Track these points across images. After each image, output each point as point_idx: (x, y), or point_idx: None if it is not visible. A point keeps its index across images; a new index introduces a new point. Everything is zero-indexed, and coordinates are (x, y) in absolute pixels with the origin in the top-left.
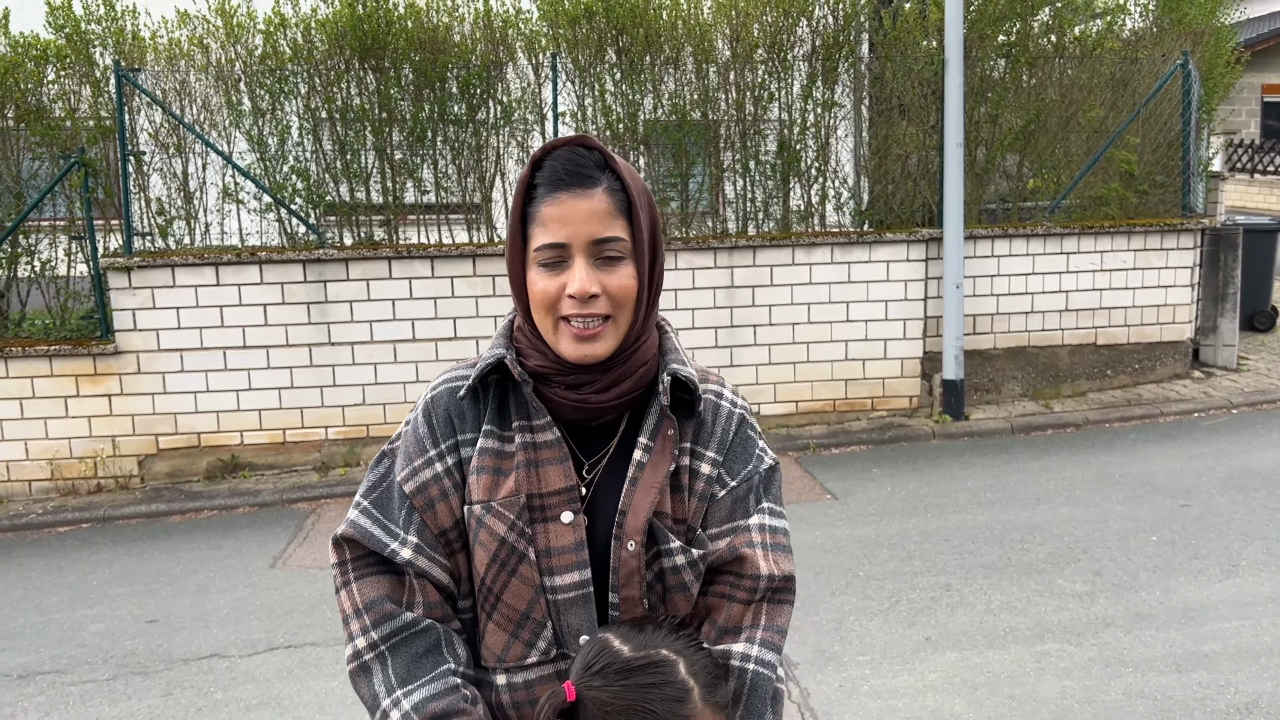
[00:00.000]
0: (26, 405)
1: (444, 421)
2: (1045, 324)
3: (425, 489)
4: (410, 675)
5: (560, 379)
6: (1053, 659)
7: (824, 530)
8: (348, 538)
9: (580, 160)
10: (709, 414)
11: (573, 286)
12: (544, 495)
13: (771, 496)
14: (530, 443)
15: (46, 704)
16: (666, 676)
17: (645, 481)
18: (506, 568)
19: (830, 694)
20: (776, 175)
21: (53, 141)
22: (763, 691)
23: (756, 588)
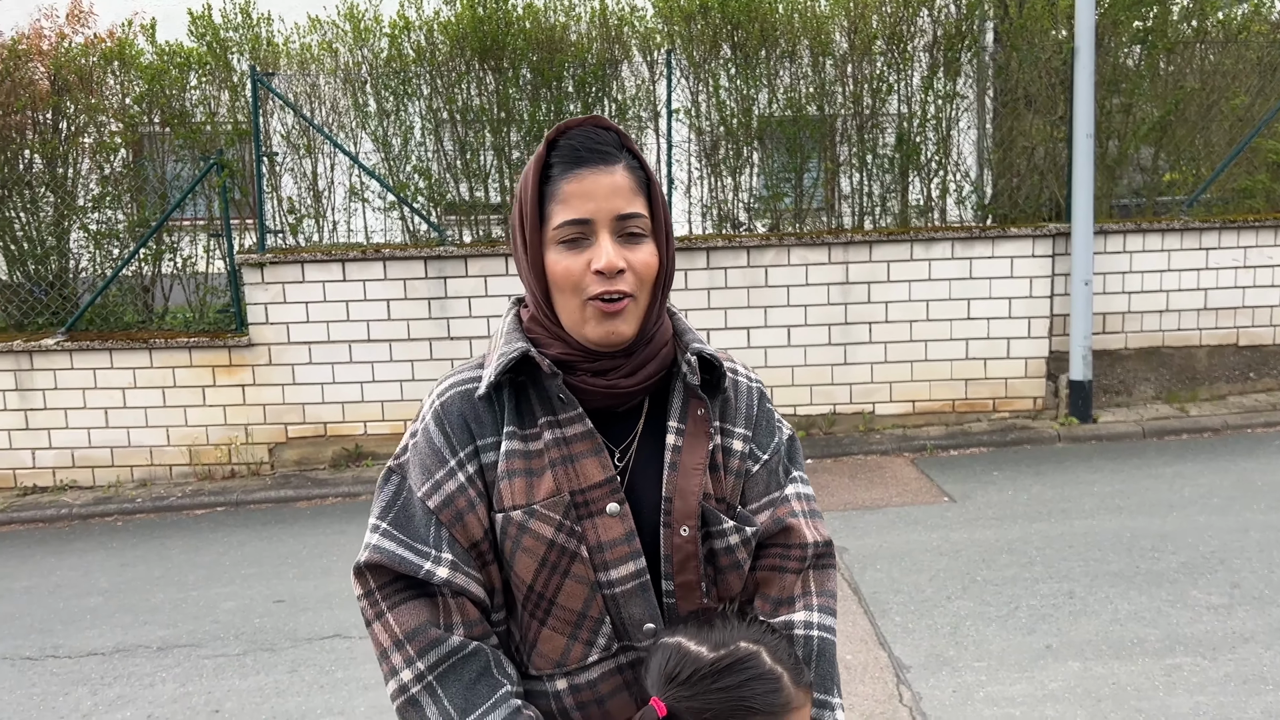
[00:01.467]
0: (168, 394)
1: (459, 428)
2: (1181, 323)
3: (451, 502)
4: (469, 705)
5: (586, 366)
6: (1185, 673)
7: (940, 533)
8: (373, 564)
9: (599, 138)
10: (732, 391)
11: (599, 261)
12: (585, 490)
13: (797, 465)
14: (560, 438)
15: (183, 675)
16: (755, 670)
17: (685, 465)
18: (558, 570)
19: (944, 699)
20: (895, 169)
21: (194, 144)
22: (830, 655)
23: (805, 556)
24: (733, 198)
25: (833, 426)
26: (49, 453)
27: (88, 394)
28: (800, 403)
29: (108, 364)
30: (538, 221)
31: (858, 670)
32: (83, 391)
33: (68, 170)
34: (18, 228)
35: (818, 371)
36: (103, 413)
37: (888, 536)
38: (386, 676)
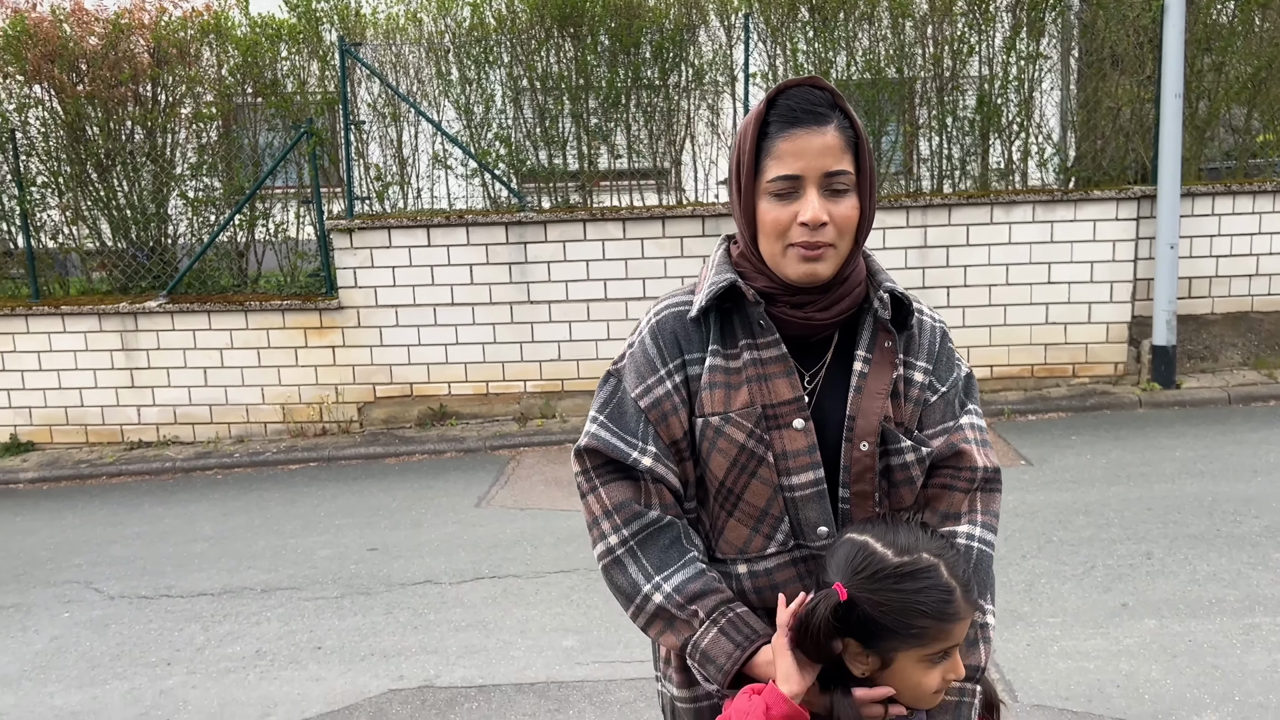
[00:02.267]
0: (263, 354)
1: (670, 343)
2: (1272, 287)
3: (659, 404)
4: (664, 564)
5: (785, 299)
6: (1263, 632)
7: (1017, 495)
8: (590, 449)
9: (814, 99)
10: (917, 329)
11: (805, 214)
12: (775, 405)
13: (974, 399)
14: (757, 359)
15: (285, 615)
16: (933, 580)
17: (870, 389)
18: (746, 470)
19: (1018, 652)
20: (975, 131)
21: (284, 114)
22: (987, 565)
23: (975, 478)
24: None
25: None
26: (153, 410)
27: (188, 354)
28: None
29: (206, 325)
30: (753, 172)
31: None
32: (183, 352)
33: (167, 140)
34: (120, 196)
35: None
36: (202, 372)
37: None
38: (595, 540)
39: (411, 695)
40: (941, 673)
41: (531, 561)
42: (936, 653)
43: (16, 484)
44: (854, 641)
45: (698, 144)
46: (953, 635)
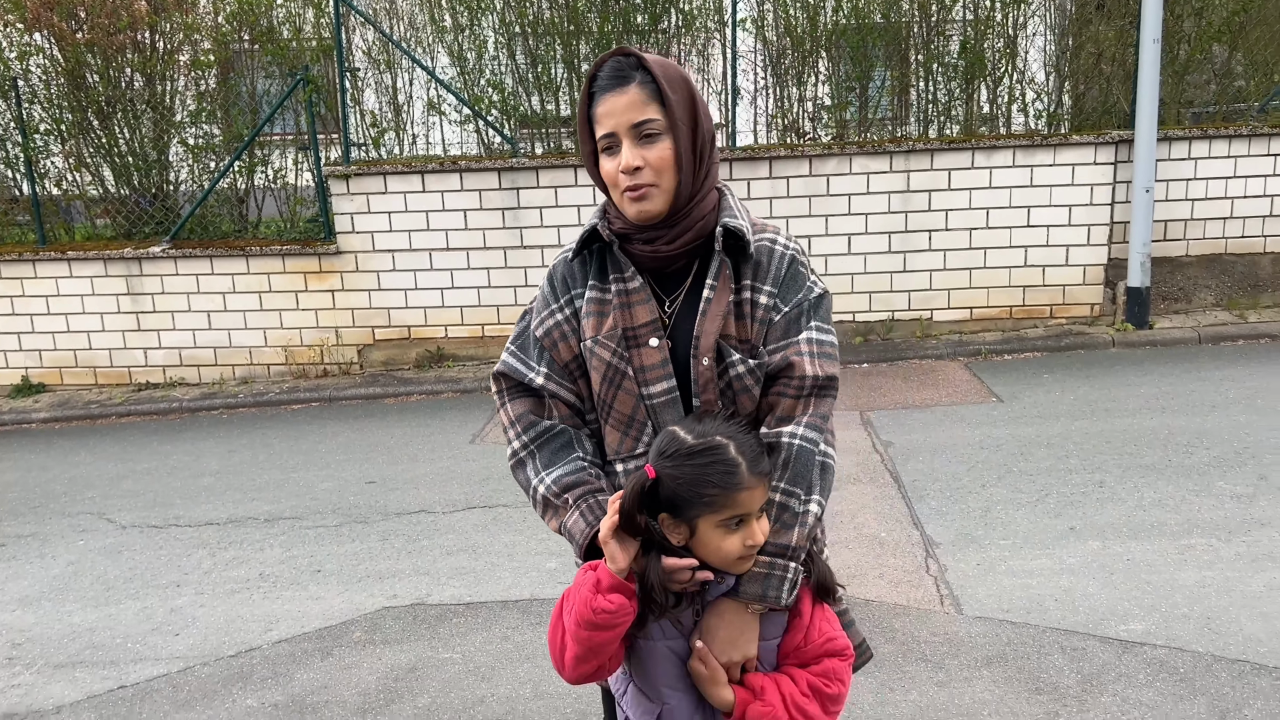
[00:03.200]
0: (264, 298)
1: (560, 283)
2: (1245, 230)
3: (550, 333)
4: (552, 462)
5: (637, 236)
6: (1197, 552)
7: (984, 430)
8: (501, 373)
9: (619, 66)
10: (764, 256)
11: (621, 163)
12: (635, 328)
13: (820, 316)
14: (622, 289)
15: (288, 541)
16: (721, 456)
17: (711, 311)
18: (614, 384)
19: (968, 570)
20: (959, 77)
21: (280, 61)
22: (805, 459)
23: (804, 385)
24: (798, 108)
25: (890, 333)
26: (159, 352)
27: (191, 298)
28: (859, 309)
29: (208, 270)
30: (589, 138)
31: (890, 545)
32: (187, 296)
33: (166, 87)
34: (122, 143)
35: (877, 279)
36: (205, 315)
37: (933, 432)
38: (506, 445)
39: (404, 612)
40: (740, 539)
41: (521, 493)
42: (730, 518)
43: (29, 424)
44: (666, 515)
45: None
46: (741, 503)
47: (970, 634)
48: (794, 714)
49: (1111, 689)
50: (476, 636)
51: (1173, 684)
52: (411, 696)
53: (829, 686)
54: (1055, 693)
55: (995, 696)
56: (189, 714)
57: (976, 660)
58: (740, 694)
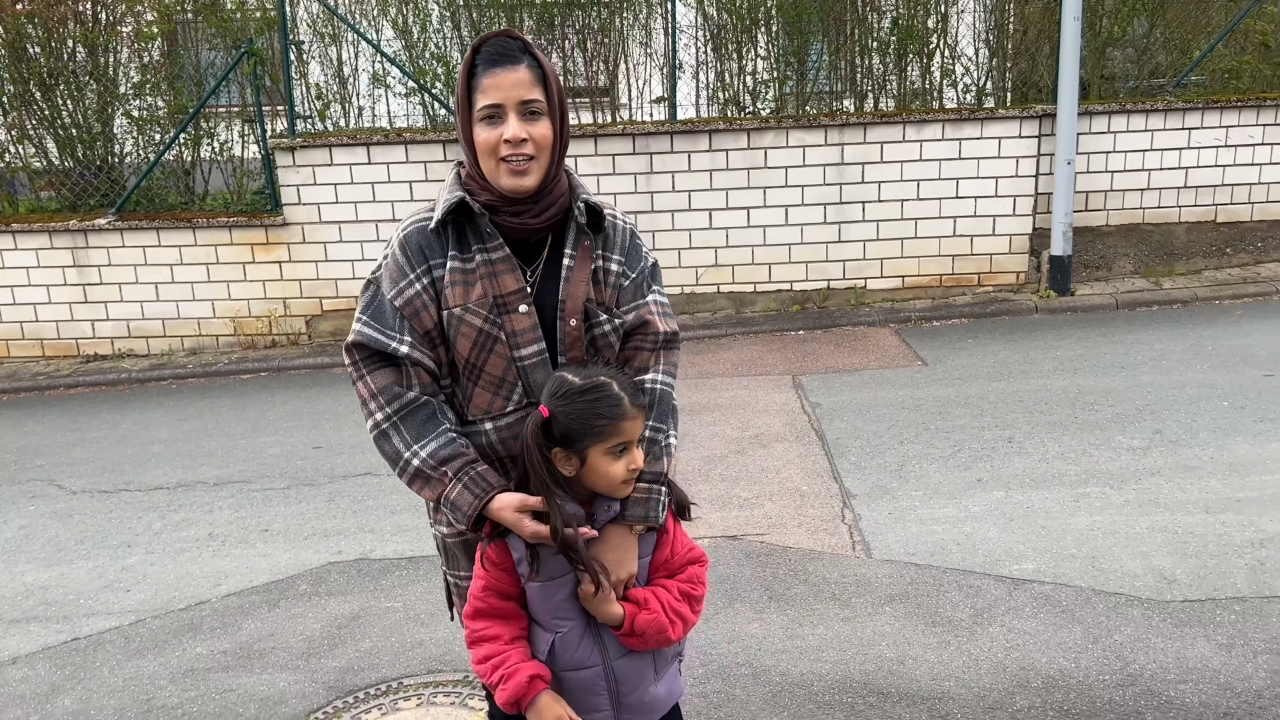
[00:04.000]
0: (212, 270)
1: (417, 252)
2: (1162, 200)
3: (410, 302)
4: (421, 435)
5: (505, 209)
6: (1091, 499)
7: (907, 391)
8: (358, 343)
9: (509, 46)
10: (611, 230)
11: (508, 133)
12: (504, 295)
13: (657, 281)
14: (487, 259)
15: (236, 504)
16: (606, 392)
17: (575, 278)
18: (485, 348)
19: (880, 519)
20: (892, 52)
21: (225, 33)
22: (666, 400)
23: (657, 339)
24: (737, 81)
25: (826, 301)
26: (107, 324)
27: (139, 270)
28: (796, 279)
29: (155, 242)
30: (467, 106)
31: (810, 497)
32: (134, 268)
33: (109, 59)
34: (65, 115)
35: (813, 249)
36: (153, 287)
37: (859, 394)
38: (365, 417)
39: (349, 566)
40: (625, 464)
41: None
42: (616, 445)
43: None
44: (559, 449)
45: (631, 63)
46: (625, 431)
47: (877, 575)
48: (671, 617)
49: (1000, 621)
50: (417, 587)
51: (1054, 615)
52: (354, 641)
53: (695, 589)
54: (949, 625)
55: (894, 629)
56: (141, 661)
57: (880, 598)
58: (628, 608)
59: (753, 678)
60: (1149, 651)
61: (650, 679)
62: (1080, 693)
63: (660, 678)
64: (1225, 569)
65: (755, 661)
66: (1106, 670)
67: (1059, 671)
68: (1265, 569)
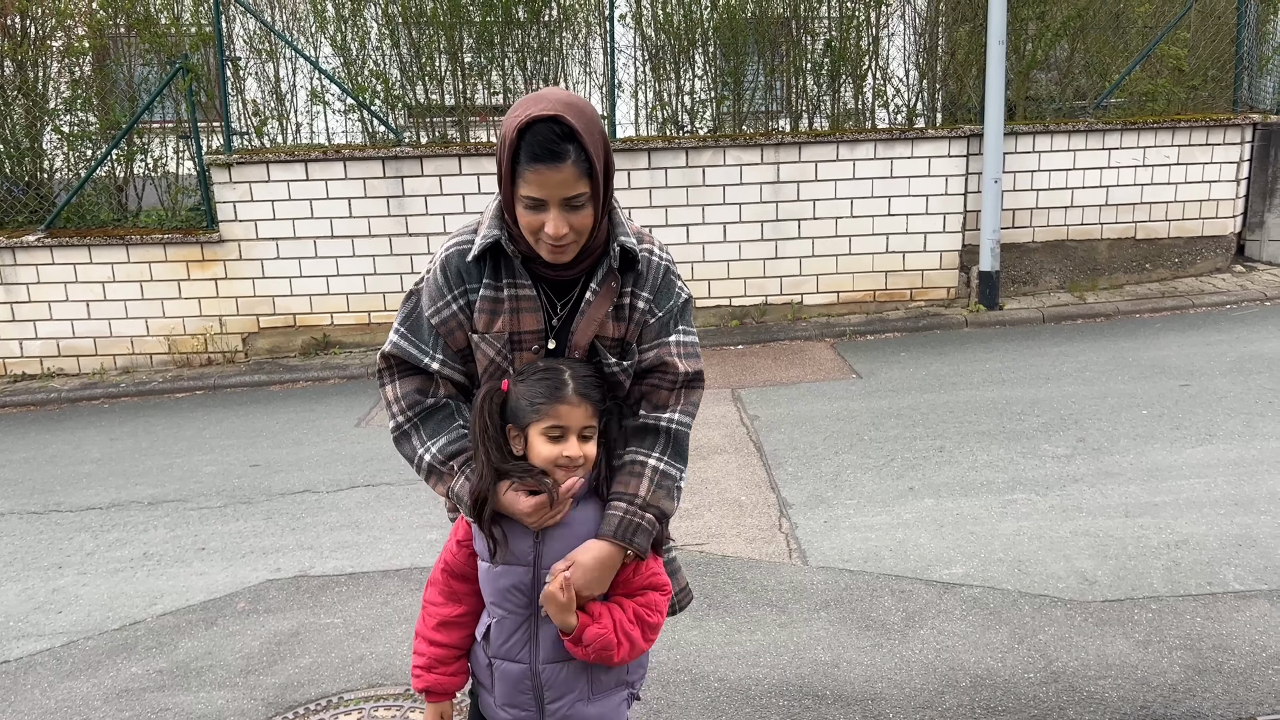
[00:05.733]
0: (146, 287)
1: (455, 276)
2: (1085, 218)
3: (446, 322)
4: (435, 433)
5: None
6: (1017, 505)
7: (842, 403)
8: (392, 354)
9: (552, 138)
10: (644, 266)
11: (549, 229)
12: (521, 333)
13: (686, 320)
14: (514, 295)
15: (171, 523)
16: (555, 377)
17: (589, 315)
18: (493, 376)
19: (815, 528)
20: (825, 73)
21: (159, 48)
22: (682, 440)
23: (676, 379)
24: (676, 101)
25: (764, 316)
26: (35, 343)
27: (69, 287)
28: (735, 294)
29: (86, 259)
30: (510, 181)
31: (749, 508)
32: (64, 285)
33: (39, 74)
34: None
35: (751, 265)
36: (84, 305)
37: (795, 406)
38: (389, 420)
39: (287, 583)
40: (558, 449)
41: (405, 471)
42: (551, 428)
43: None
44: (512, 425)
45: (571, 82)
46: (562, 415)
47: (813, 582)
48: (620, 637)
49: (931, 624)
50: (357, 603)
51: (983, 617)
52: (294, 657)
53: (650, 616)
54: (881, 628)
55: (829, 633)
56: (74, 683)
57: (816, 604)
58: (582, 618)
59: (691, 684)
60: (1071, 650)
61: (582, 693)
62: (1006, 690)
63: (595, 698)
64: (1142, 570)
65: (694, 668)
66: (1031, 669)
67: (986, 671)
68: (1180, 569)
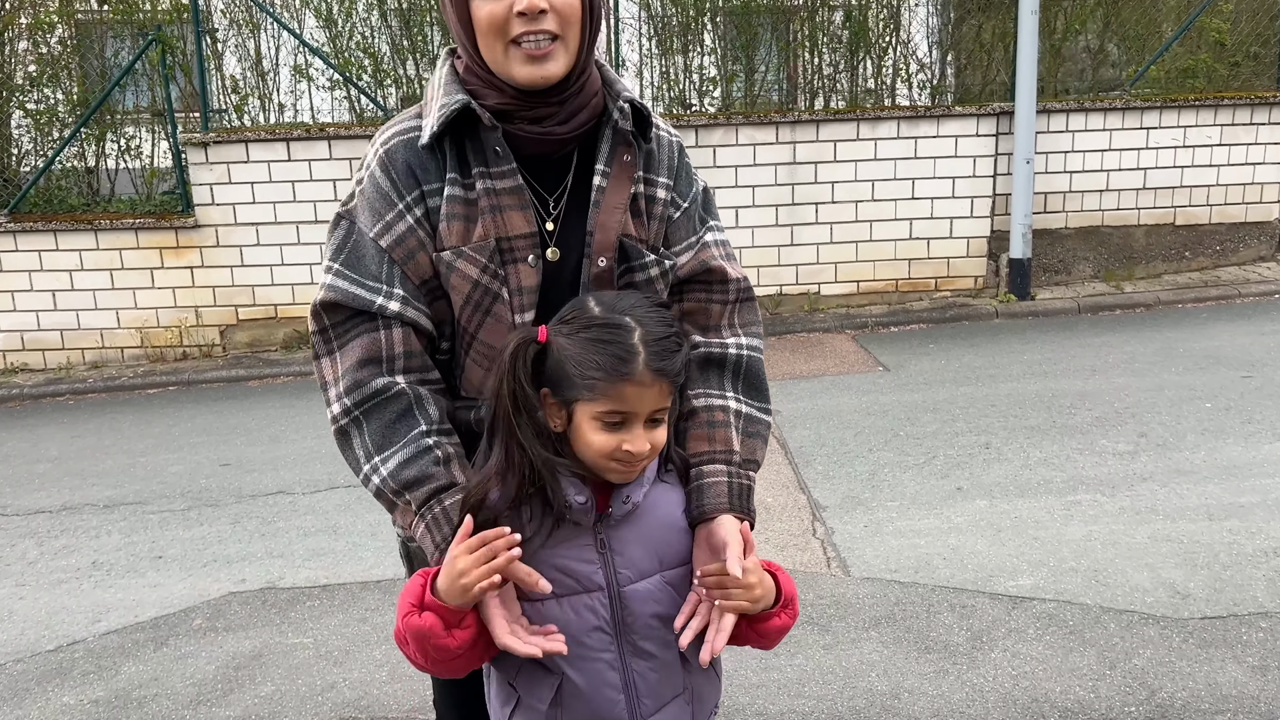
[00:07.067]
0: (116, 276)
1: (405, 174)
2: (1121, 203)
3: (403, 241)
4: (385, 441)
5: (523, 114)
6: (1083, 507)
7: (871, 397)
8: (331, 303)
9: None
10: (656, 144)
11: (521, 2)
12: (511, 239)
13: (712, 214)
14: (491, 189)
15: (127, 528)
16: (619, 338)
17: (608, 203)
18: (481, 308)
19: (854, 533)
20: (844, 49)
21: (131, 22)
22: (757, 368)
23: (729, 291)
24: (683, 78)
25: (778, 307)
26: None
27: (34, 276)
28: None
29: (52, 246)
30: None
31: (776, 511)
32: (29, 274)
33: (3, 50)
34: None
35: (764, 253)
36: (50, 295)
37: (819, 400)
38: (326, 407)
39: (252, 596)
40: (617, 440)
41: None
42: (608, 413)
43: None
44: (548, 391)
45: None
46: (627, 399)
47: (858, 595)
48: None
49: (1001, 644)
50: (331, 620)
51: (1062, 637)
52: (253, 685)
53: None
54: (944, 650)
55: (883, 657)
56: None
57: (864, 621)
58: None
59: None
60: (1174, 677)
61: None
62: None
63: None
64: (1242, 581)
65: (727, 700)
66: (1131, 700)
67: (1076, 703)
68: None
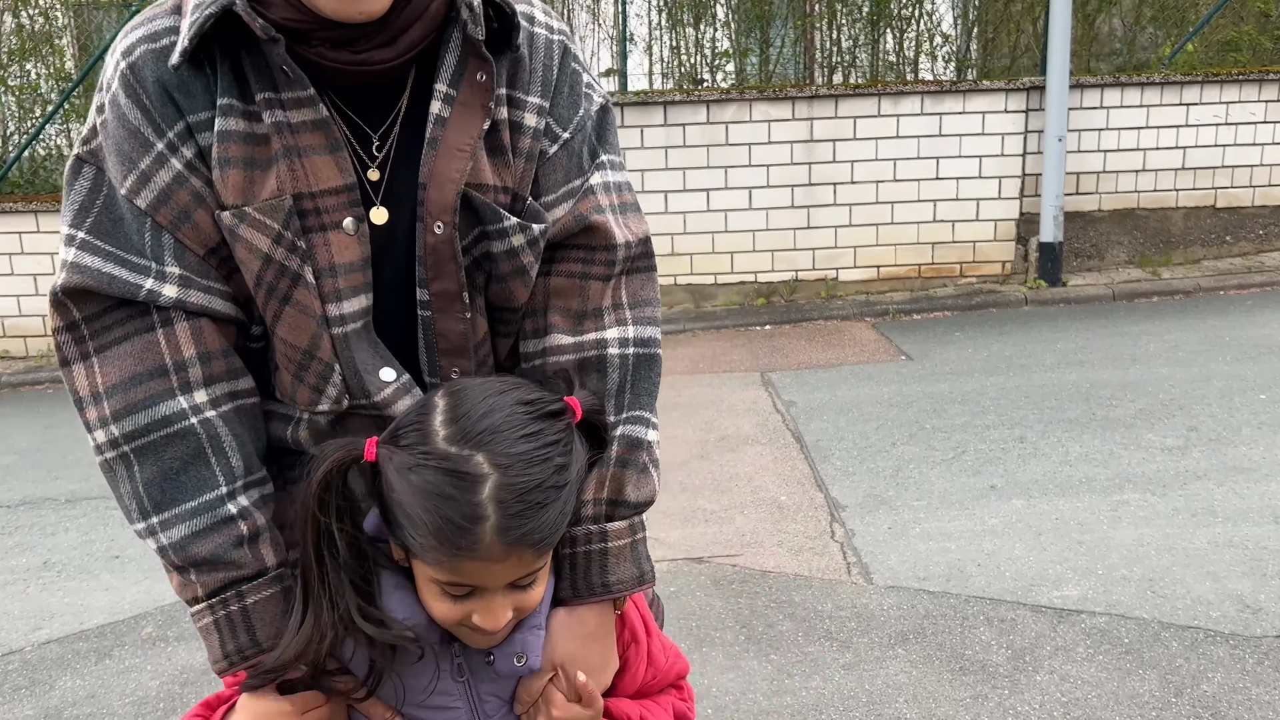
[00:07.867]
0: None
1: (159, 98)
2: (1158, 183)
3: (168, 197)
4: (165, 500)
5: (324, 34)
6: (1131, 508)
7: (893, 387)
8: (77, 289)
9: None
10: (526, 48)
11: None
12: (315, 195)
13: (607, 145)
14: (284, 123)
15: (87, 525)
16: (459, 492)
17: (449, 143)
18: (276, 294)
19: (877, 535)
20: (865, 21)
21: None
22: (645, 368)
23: (614, 259)
24: (695, 52)
25: (794, 294)
26: None
27: (14, 259)
28: (761, 269)
29: (33, 227)
30: None
31: (791, 510)
32: (9, 257)
33: None
34: None
35: (780, 236)
36: (31, 279)
37: (838, 391)
38: (84, 427)
39: None
40: (463, 611)
41: None
42: (451, 585)
43: None
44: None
45: (578, 32)
46: (468, 574)
47: (882, 607)
48: None
49: (1048, 665)
50: None
51: (1117, 657)
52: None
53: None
54: (983, 671)
55: (912, 679)
56: None
57: (890, 637)
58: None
59: None
60: (1252, 707)
61: None
62: None
63: None
64: None
65: None
66: None
67: None
68: None
